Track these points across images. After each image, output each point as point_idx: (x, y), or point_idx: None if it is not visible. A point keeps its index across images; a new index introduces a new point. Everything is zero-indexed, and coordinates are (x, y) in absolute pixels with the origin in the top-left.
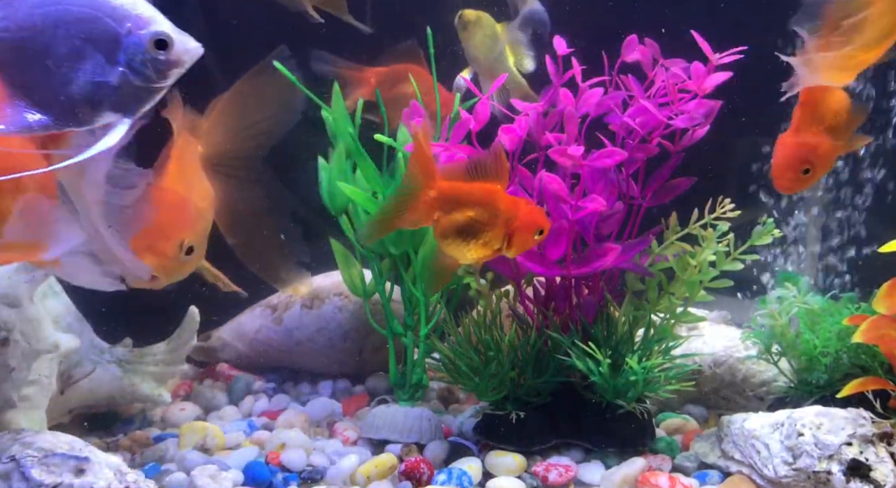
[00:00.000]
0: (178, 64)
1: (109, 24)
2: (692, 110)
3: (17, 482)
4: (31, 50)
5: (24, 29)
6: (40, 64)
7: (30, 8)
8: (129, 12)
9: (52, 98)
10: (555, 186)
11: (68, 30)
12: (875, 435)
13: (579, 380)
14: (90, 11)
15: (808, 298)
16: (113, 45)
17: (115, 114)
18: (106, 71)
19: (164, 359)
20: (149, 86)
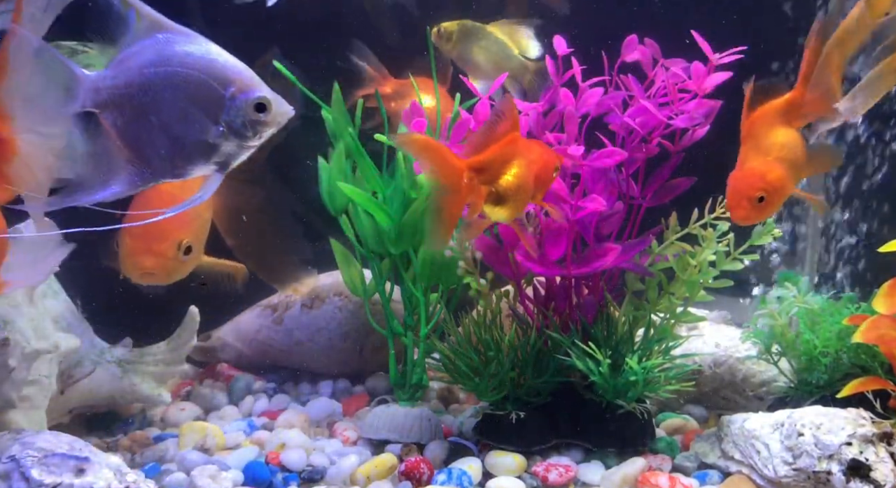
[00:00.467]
0: (272, 124)
1: (215, 87)
2: (692, 110)
3: (17, 482)
4: (139, 107)
5: (133, 87)
6: (146, 120)
7: (140, 67)
8: (234, 77)
9: (154, 153)
10: (555, 186)
11: (176, 90)
12: (875, 435)
13: (579, 380)
14: (198, 74)
15: (808, 298)
16: (217, 106)
17: (209, 168)
18: (207, 130)
19: (164, 359)
20: (244, 144)
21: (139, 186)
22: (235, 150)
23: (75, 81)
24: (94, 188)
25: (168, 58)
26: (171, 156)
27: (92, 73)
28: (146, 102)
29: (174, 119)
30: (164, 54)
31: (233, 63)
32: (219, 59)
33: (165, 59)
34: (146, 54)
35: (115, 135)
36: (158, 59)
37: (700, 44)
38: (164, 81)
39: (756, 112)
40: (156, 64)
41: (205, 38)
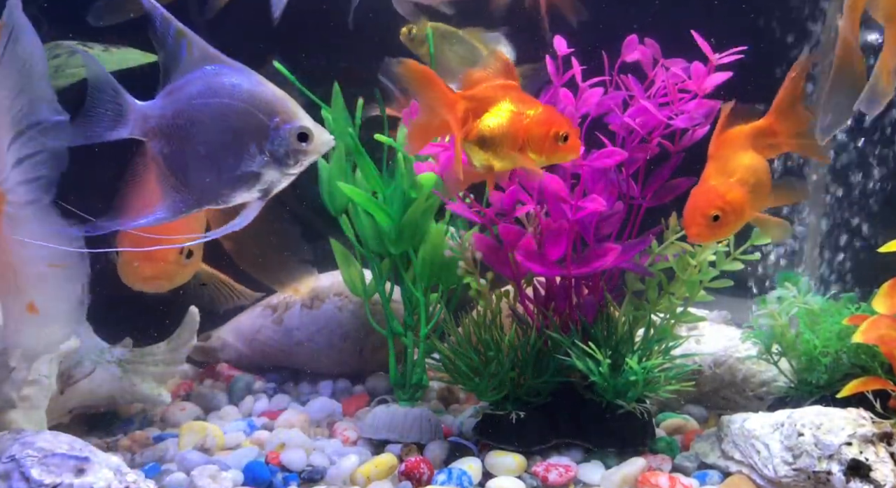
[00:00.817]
0: (313, 153)
1: (260, 117)
2: (692, 110)
3: (17, 482)
4: (187, 136)
5: (181, 117)
6: (193, 149)
7: (189, 98)
8: (278, 107)
9: (199, 180)
10: (555, 186)
11: (223, 121)
12: (875, 436)
13: (579, 380)
14: (245, 106)
15: (808, 298)
16: (261, 136)
17: (251, 195)
18: (252, 159)
19: (164, 359)
20: (285, 172)
21: (183, 213)
22: (277, 178)
23: (126, 109)
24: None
25: (216, 89)
26: (215, 184)
27: (143, 103)
28: (194, 132)
29: (220, 148)
30: (213, 86)
31: (277, 94)
32: (264, 90)
33: (214, 91)
34: (195, 85)
35: (161, 163)
36: (207, 91)
37: (700, 44)
38: (212, 112)
39: (727, 133)
40: (204, 95)
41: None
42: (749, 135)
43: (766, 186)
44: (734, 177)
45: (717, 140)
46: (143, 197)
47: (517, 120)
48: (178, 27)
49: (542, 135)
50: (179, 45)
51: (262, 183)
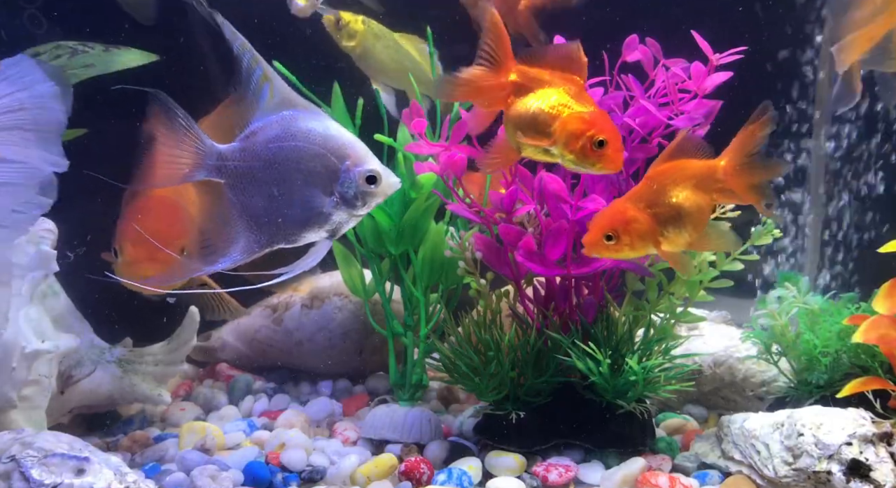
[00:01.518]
0: (381, 195)
1: (332, 160)
2: (692, 110)
3: (17, 482)
4: (262, 178)
5: (258, 159)
6: (268, 190)
7: (266, 142)
8: (349, 151)
9: (271, 221)
10: (555, 186)
11: (297, 164)
12: (875, 435)
13: (579, 381)
14: (318, 149)
15: (808, 298)
16: (332, 178)
17: (319, 235)
18: (321, 200)
19: (164, 359)
20: (353, 213)
21: (255, 253)
22: (345, 219)
23: (205, 152)
24: (216, 256)
25: (292, 133)
26: (287, 224)
27: (221, 146)
28: (269, 174)
29: (294, 190)
30: (289, 129)
31: (349, 138)
32: (337, 134)
33: (290, 135)
34: (273, 129)
35: (236, 204)
36: (283, 134)
37: (700, 44)
38: (287, 155)
39: (671, 163)
40: (281, 139)
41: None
42: (694, 172)
43: (697, 226)
44: (654, 209)
45: (659, 166)
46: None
47: (556, 109)
48: (265, 71)
49: (577, 133)
50: (262, 89)
51: (331, 223)
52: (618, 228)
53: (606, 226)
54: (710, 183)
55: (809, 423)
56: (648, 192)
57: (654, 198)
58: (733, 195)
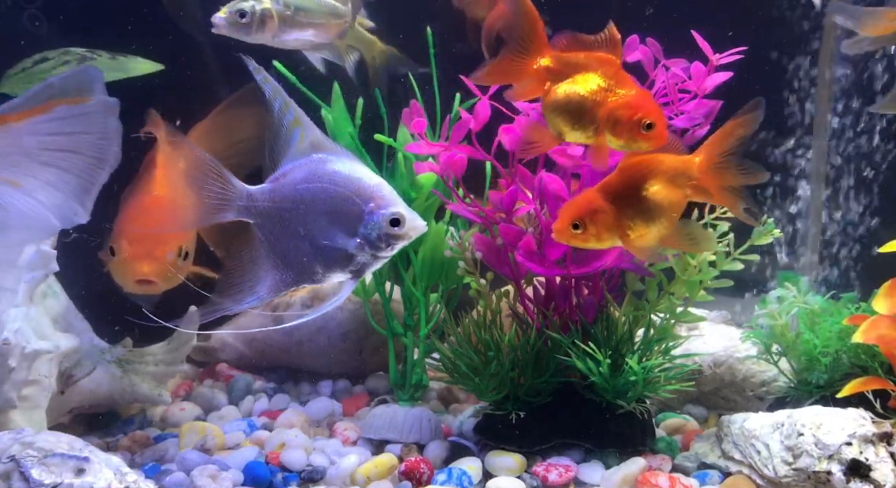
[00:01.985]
0: (405, 237)
1: (357, 202)
2: (692, 110)
3: (16, 482)
4: (290, 219)
5: (287, 201)
6: (295, 231)
7: (294, 183)
8: (374, 193)
9: (297, 260)
10: (555, 186)
11: (323, 205)
12: (875, 435)
13: (579, 380)
14: (343, 191)
15: (808, 298)
16: (357, 220)
17: (344, 275)
18: (347, 241)
19: (164, 359)
20: (377, 254)
21: (282, 292)
22: (369, 260)
23: (235, 194)
24: (243, 294)
25: (319, 175)
26: (312, 264)
27: (252, 187)
28: (297, 215)
29: (319, 230)
30: (317, 172)
31: (374, 181)
32: (362, 177)
33: (317, 177)
34: (301, 172)
35: (264, 243)
36: (311, 176)
37: (700, 44)
38: (314, 196)
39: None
40: (308, 180)
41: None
42: (667, 167)
43: (667, 222)
44: (623, 201)
45: (631, 158)
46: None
47: (601, 95)
48: (296, 116)
49: (626, 118)
50: (293, 133)
51: (355, 264)
52: (584, 218)
53: (574, 214)
54: (683, 179)
55: (809, 423)
56: (619, 184)
57: (624, 190)
58: (708, 194)
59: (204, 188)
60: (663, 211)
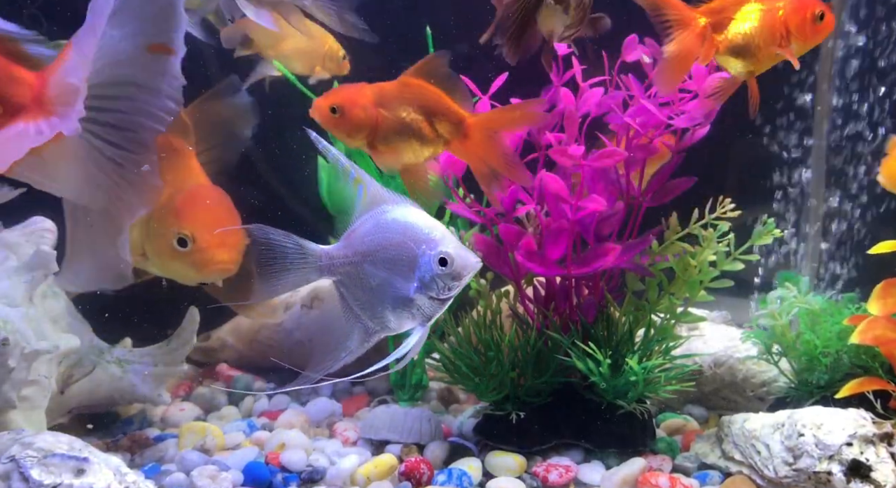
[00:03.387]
0: (458, 277)
1: (411, 247)
2: (692, 110)
3: (16, 482)
4: (362, 272)
5: (357, 254)
6: (367, 283)
7: (362, 237)
8: (425, 236)
9: (372, 311)
10: (555, 186)
11: (387, 254)
12: (876, 436)
13: (579, 381)
14: (400, 237)
15: (808, 298)
16: (413, 264)
17: (414, 322)
18: (407, 287)
19: (164, 359)
20: (436, 297)
21: (368, 343)
22: (429, 304)
23: (314, 258)
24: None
25: (381, 226)
26: (385, 314)
27: (327, 247)
28: (367, 267)
29: (386, 279)
30: (379, 223)
31: (427, 223)
32: (416, 221)
33: (379, 227)
34: (367, 225)
35: (347, 298)
36: (374, 228)
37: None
38: (377, 246)
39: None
40: (372, 232)
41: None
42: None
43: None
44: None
45: (411, 78)
46: None
47: (772, 16)
48: (357, 175)
49: (804, 21)
50: (356, 191)
51: (419, 309)
52: (344, 106)
53: (336, 98)
54: (445, 124)
55: (810, 424)
56: (387, 96)
57: (388, 102)
58: (462, 154)
59: (287, 258)
60: (408, 139)
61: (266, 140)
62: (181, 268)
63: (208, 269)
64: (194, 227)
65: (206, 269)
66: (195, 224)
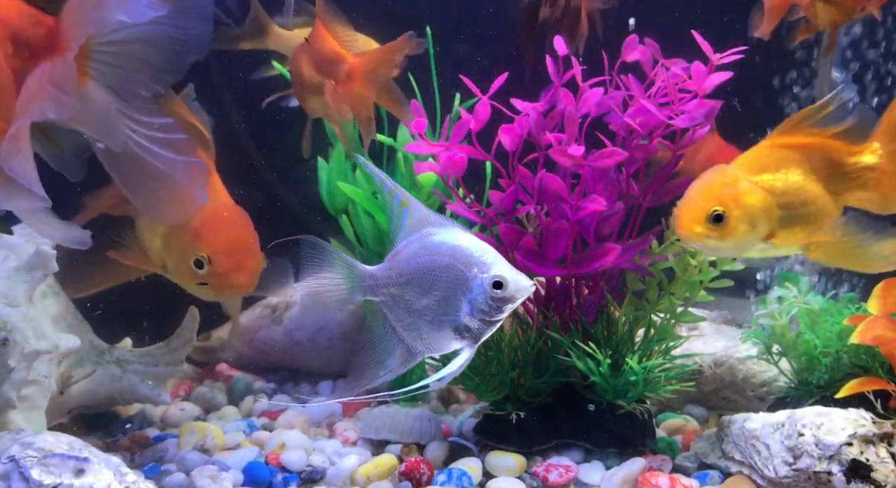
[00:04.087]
0: (511, 300)
1: (461, 269)
2: (692, 110)
3: (16, 482)
4: (407, 293)
5: (403, 276)
6: (412, 304)
7: (408, 259)
8: (476, 259)
9: (417, 332)
10: (555, 186)
11: (434, 276)
12: (876, 436)
13: (579, 381)
14: (449, 260)
15: (808, 298)
16: (463, 287)
17: (461, 342)
18: (457, 309)
19: (164, 359)
20: (488, 319)
21: (409, 364)
22: (480, 326)
23: (360, 277)
24: (376, 369)
25: (428, 247)
26: (430, 335)
27: (372, 268)
28: (412, 289)
29: (432, 301)
30: (426, 245)
31: (478, 247)
32: (465, 244)
33: (425, 249)
34: (412, 247)
35: (390, 318)
36: (421, 250)
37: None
38: (424, 269)
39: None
40: (418, 254)
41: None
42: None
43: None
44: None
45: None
46: None
47: None
48: (403, 197)
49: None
50: (402, 213)
51: (469, 332)
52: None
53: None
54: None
55: (810, 424)
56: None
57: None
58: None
59: (335, 276)
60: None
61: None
62: (198, 287)
63: (224, 293)
64: (212, 250)
65: (221, 292)
66: (213, 247)
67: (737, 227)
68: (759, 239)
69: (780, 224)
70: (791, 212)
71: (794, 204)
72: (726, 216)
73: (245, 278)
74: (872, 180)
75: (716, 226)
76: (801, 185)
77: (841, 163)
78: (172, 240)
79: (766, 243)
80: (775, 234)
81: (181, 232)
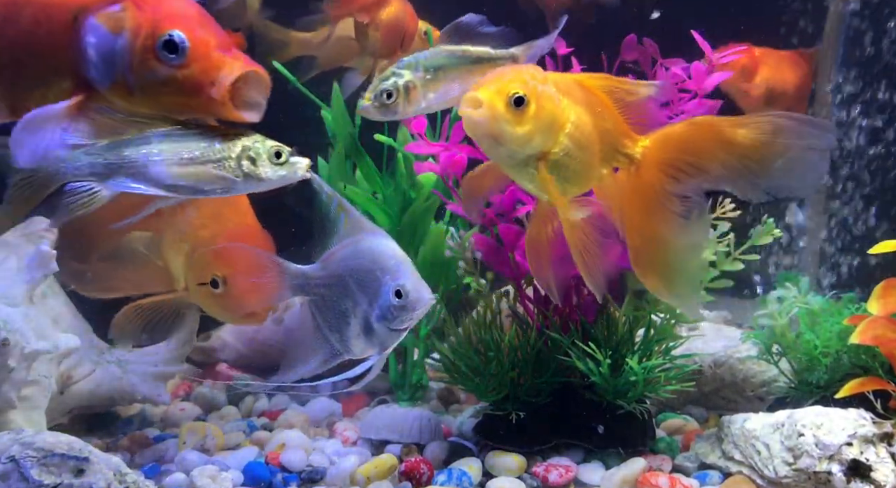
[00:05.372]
0: (408, 309)
1: (378, 275)
2: (692, 110)
3: (16, 482)
4: (333, 295)
5: (331, 277)
6: (336, 306)
7: (337, 261)
8: (391, 267)
9: (338, 333)
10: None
11: (355, 280)
12: (875, 436)
13: (579, 381)
14: (370, 265)
15: (808, 298)
16: (376, 292)
17: (373, 348)
18: (369, 314)
19: (164, 359)
20: (391, 327)
21: (330, 363)
22: (386, 333)
23: (289, 274)
24: (297, 365)
25: (356, 253)
26: (348, 337)
27: (303, 267)
28: (338, 291)
29: (353, 305)
30: (355, 250)
31: (395, 254)
32: (385, 251)
33: (354, 254)
34: (343, 250)
35: (317, 317)
36: (349, 254)
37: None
38: (350, 272)
39: None
40: (347, 258)
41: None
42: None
43: None
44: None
45: None
46: None
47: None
48: (339, 203)
49: None
50: (338, 218)
51: (378, 337)
52: None
53: None
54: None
55: (810, 424)
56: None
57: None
58: None
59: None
60: None
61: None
62: (214, 307)
63: (237, 315)
64: (229, 273)
65: (235, 315)
66: (230, 269)
67: (530, 120)
68: (538, 149)
69: (558, 150)
70: (569, 147)
71: (576, 139)
72: (526, 103)
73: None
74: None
75: (514, 110)
76: (587, 131)
77: (617, 137)
78: (194, 258)
79: (534, 168)
80: (547, 158)
81: (202, 251)
